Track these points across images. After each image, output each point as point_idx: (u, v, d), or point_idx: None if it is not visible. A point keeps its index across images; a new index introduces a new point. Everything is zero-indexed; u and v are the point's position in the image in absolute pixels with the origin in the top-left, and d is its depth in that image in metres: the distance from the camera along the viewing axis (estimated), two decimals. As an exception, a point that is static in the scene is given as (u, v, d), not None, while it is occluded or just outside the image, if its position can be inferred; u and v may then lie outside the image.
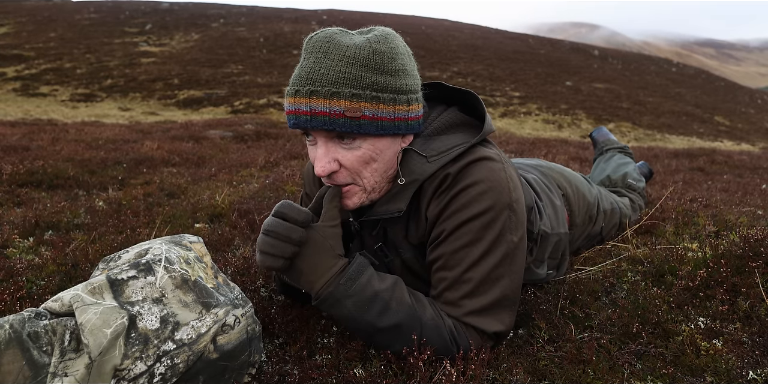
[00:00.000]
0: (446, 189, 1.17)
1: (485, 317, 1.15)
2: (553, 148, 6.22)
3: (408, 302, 1.12)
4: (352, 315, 1.11)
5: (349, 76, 1.05)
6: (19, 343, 0.90)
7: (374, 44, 1.07)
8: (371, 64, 1.06)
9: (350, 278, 1.10)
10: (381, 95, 1.07)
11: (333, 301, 1.11)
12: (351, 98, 1.04)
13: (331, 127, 1.05)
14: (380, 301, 1.10)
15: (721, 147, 10.57)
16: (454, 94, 1.31)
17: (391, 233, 1.28)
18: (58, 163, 3.75)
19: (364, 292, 1.10)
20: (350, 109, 1.04)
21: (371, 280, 1.12)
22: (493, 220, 1.14)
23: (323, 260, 1.12)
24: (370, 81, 1.06)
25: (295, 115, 1.08)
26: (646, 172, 2.92)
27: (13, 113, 10.94)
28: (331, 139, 1.11)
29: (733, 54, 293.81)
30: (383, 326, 1.10)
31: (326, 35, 1.08)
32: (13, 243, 2.13)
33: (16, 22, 27.14)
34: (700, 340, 1.19)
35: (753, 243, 1.52)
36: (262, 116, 10.98)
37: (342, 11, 35.69)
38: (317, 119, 1.05)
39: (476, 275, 1.14)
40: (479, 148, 1.21)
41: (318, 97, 1.04)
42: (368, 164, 1.13)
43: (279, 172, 3.92)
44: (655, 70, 27.03)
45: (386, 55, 1.07)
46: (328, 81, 1.04)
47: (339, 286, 1.10)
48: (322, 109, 1.04)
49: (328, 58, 1.05)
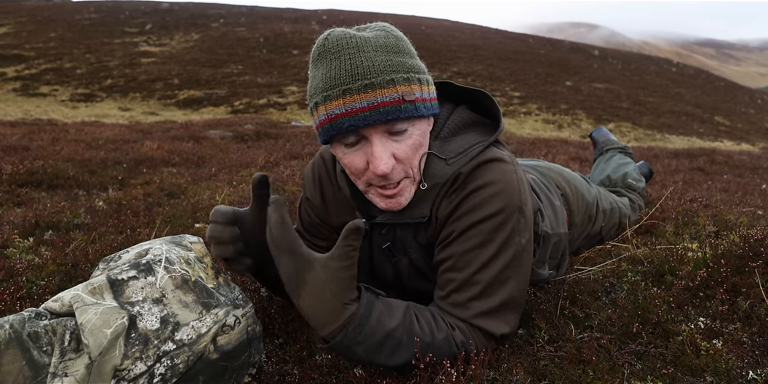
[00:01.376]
0: (457, 189, 1.16)
1: (493, 319, 1.14)
2: (553, 148, 6.22)
3: (418, 332, 1.06)
4: (362, 359, 1.05)
5: (393, 63, 1.05)
6: (19, 343, 0.90)
7: (391, 32, 1.09)
8: (401, 49, 1.08)
9: (359, 325, 1.00)
10: (420, 77, 1.10)
11: (342, 349, 1.04)
12: (404, 82, 1.05)
13: (395, 115, 1.04)
14: (392, 342, 1.04)
15: (721, 147, 10.57)
16: (461, 93, 1.30)
17: (401, 233, 1.27)
18: (58, 163, 3.75)
19: (375, 335, 1.02)
20: (407, 93, 1.05)
21: (381, 319, 1.03)
22: (504, 222, 1.14)
23: (324, 311, 1.00)
24: (409, 64, 1.08)
25: (349, 117, 1.03)
26: (646, 172, 2.93)
27: (13, 113, 10.95)
28: (384, 133, 1.08)
29: (733, 54, 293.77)
30: (396, 364, 1.06)
31: (342, 33, 1.06)
32: (13, 243, 2.13)
33: (16, 22, 27.13)
34: (700, 340, 1.19)
35: (753, 243, 1.52)
36: (262, 116, 10.99)
37: (342, 11, 35.69)
38: (379, 111, 1.03)
39: (485, 277, 1.13)
40: (491, 149, 1.20)
41: (375, 88, 1.02)
42: (418, 150, 1.13)
43: (279, 172, 3.92)
44: (655, 70, 27.03)
45: (404, 40, 1.11)
46: (378, 70, 1.03)
47: (348, 333, 1.00)
48: (382, 99, 1.02)
49: (363, 52, 1.04)
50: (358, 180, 1.17)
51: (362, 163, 1.11)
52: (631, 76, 23.74)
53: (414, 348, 1.05)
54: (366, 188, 1.17)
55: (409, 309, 1.10)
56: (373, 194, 1.18)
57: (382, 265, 1.33)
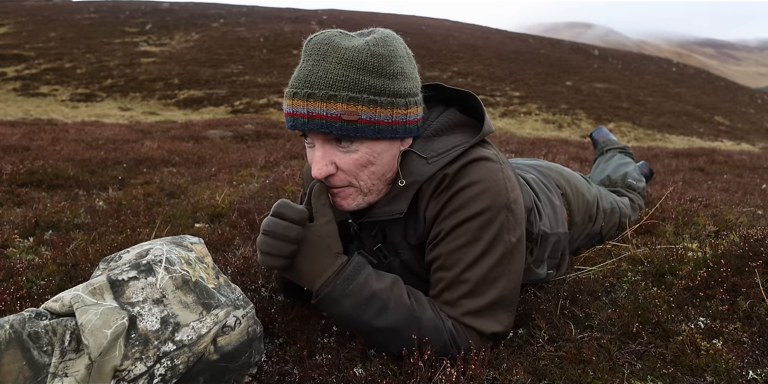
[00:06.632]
0: (444, 189, 1.17)
1: (483, 318, 1.15)
2: (553, 148, 6.22)
3: (406, 303, 1.12)
4: (350, 314, 1.11)
5: (347, 80, 1.04)
6: (19, 343, 0.90)
7: (373, 47, 1.06)
8: (369, 67, 1.06)
9: (348, 278, 1.10)
10: (378, 99, 1.07)
11: (331, 301, 1.11)
12: (348, 101, 1.04)
13: (327, 130, 1.06)
14: (378, 302, 1.10)
15: (721, 147, 10.57)
16: (453, 95, 1.31)
17: (390, 234, 1.28)
18: (58, 163, 3.75)
19: (362, 292, 1.10)
20: (347, 112, 1.05)
21: (369, 279, 1.12)
22: (491, 221, 1.14)
23: (321, 259, 1.12)
24: (368, 84, 1.06)
25: (292, 118, 1.08)
26: (646, 171, 2.92)
27: (13, 113, 10.95)
28: (329, 142, 1.11)
29: (733, 54, 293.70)
30: (381, 326, 1.10)
31: (325, 37, 1.08)
32: (13, 243, 2.13)
33: (16, 22, 27.13)
34: (700, 340, 1.19)
35: (753, 243, 1.52)
36: (262, 116, 10.98)
37: (342, 11, 35.68)
38: (314, 122, 1.06)
39: (474, 276, 1.14)
40: (477, 149, 1.21)
41: (315, 99, 1.05)
42: (365, 167, 1.13)
43: (279, 171, 3.92)
44: (655, 70, 27.03)
45: (384, 58, 1.07)
46: (326, 84, 1.04)
47: (336, 285, 1.10)
48: (319, 111, 1.05)
49: (326, 61, 1.06)
50: None
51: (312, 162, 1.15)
52: (631, 75, 23.74)
53: (401, 315, 1.10)
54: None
55: (398, 281, 1.16)
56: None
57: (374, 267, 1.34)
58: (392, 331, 1.10)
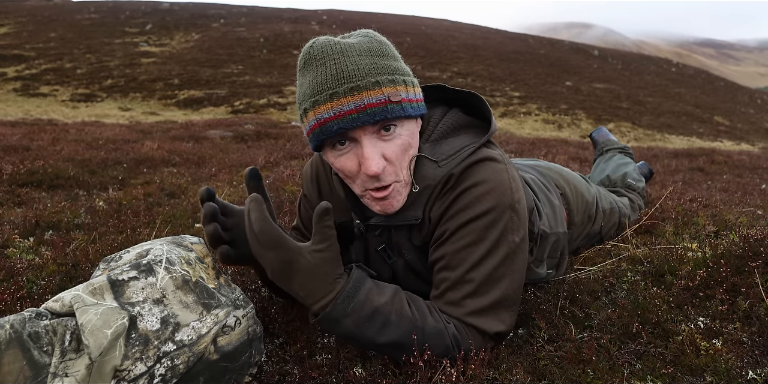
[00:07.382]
0: (449, 190, 1.17)
1: (486, 317, 1.15)
2: (553, 148, 6.22)
3: (408, 315, 1.09)
4: (352, 333, 1.07)
5: (377, 66, 1.08)
6: (19, 343, 0.90)
7: (373, 38, 1.12)
8: (385, 53, 1.11)
9: (348, 296, 1.05)
10: (405, 78, 1.12)
11: (331, 321, 1.06)
12: (389, 84, 1.08)
13: (381, 116, 1.06)
14: (380, 317, 1.07)
15: (720, 147, 10.57)
16: (454, 96, 1.31)
17: (396, 235, 1.28)
18: (59, 163, 3.75)
19: (363, 309, 1.06)
20: (393, 94, 1.07)
21: (370, 294, 1.08)
22: (496, 221, 1.15)
23: (319, 286, 1.06)
24: (393, 67, 1.10)
25: (337, 120, 1.05)
26: (646, 172, 2.93)
27: (13, 113, 10.95)
28: (373, 135, 1.10)
29: (733, 54, 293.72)
30: (384, 342, 1.08)
31: (327, 40, 1.09)
32: (13, 243, 2.13)
33: (16, 22, 27.14)
34: (699, 340, 1.19)
35: (753, 243, 1.52)
36: (262, 116, 10.99)
37: (342, 11, 35.69)
38: (366, 113, 1.05)
39: (478, 275, 1.14)
40: (482, 149, 1.21)
41: (361, 90, 1.05)
42: (407, 151, 1.14)
43: (279, 172, 3.92)
44: (655, 70, 27.04)
45: (387, 45, 1.14)
46: (363, 73, 1.06)
47: (336, 305, 1.04)
48: (368, 101, 1.05)
49: (347, 56, 1.07)
50: (353, 183, 1.18)
51: (354, 166, 1.12)
52: (631, 76, 23.75)
53: (403, 329, 1.07)
54: (362, 192, 1.18)
55: (399, 292, 1.14)
56: (368, 199, 1.19)
57: (378, 267, 1.34)
58: (396, 346, 1.08)
